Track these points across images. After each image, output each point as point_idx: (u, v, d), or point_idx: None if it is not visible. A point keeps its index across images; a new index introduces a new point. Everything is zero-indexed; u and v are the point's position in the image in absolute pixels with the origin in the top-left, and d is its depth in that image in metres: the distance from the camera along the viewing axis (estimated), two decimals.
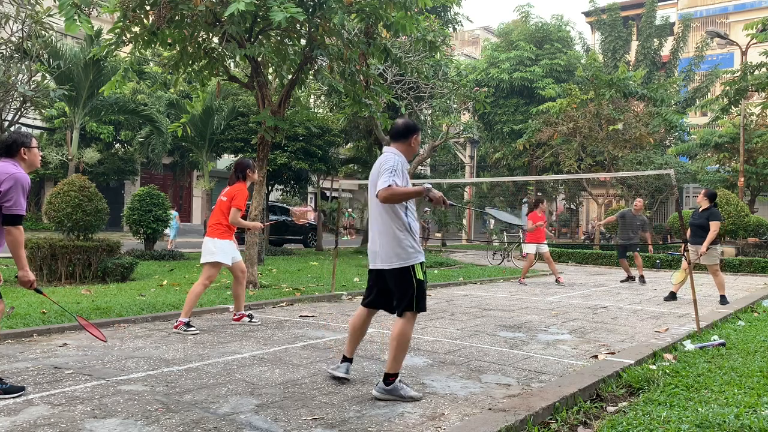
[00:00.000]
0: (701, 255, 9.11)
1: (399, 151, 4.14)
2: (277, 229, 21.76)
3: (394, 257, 3.99)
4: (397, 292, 4.04)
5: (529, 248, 12.43)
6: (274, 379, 4.42)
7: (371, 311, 4.36)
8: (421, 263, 4.04)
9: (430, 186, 3.91)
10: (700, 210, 9.40)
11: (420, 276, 4.01)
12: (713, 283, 12.92)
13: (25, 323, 6.02)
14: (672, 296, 9.68)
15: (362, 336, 4.42)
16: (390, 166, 3.90)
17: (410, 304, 3.99)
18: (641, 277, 12.49)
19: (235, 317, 6.81)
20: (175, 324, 6.20)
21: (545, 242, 12.57)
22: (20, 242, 3.90)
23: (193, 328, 6.14)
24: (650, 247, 13.35)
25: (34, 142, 4.09)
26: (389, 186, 3.79)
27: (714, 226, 9.02)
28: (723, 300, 9.14)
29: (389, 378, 3.99)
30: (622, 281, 12.76)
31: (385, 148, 4.22)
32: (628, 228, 12.35)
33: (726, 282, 13.13)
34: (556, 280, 12.22)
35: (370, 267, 4.23)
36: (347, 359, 4.41)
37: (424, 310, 4.11)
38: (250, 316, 6.82)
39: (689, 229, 9.53)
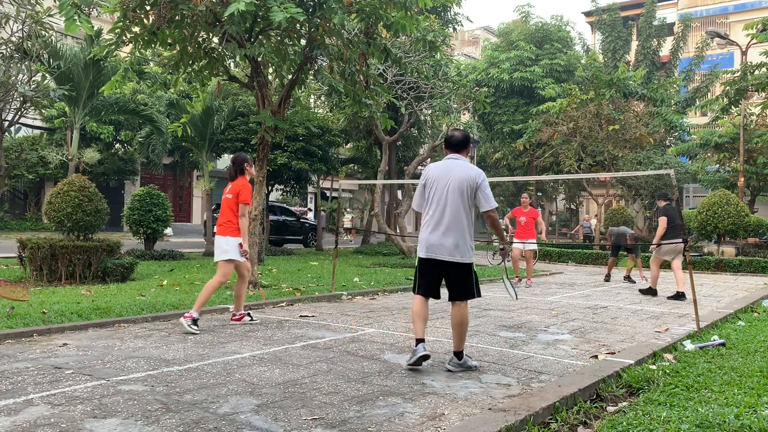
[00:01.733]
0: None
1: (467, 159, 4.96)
2: (277, 229, 21.76)
3: (467, 254, 4.75)
4: (464, 282, 4.77)
5: (516, 245, 11.83)
6: (274, 379, 4.42)
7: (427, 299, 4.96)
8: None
9: (507, 249, 5.30)
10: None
11: (475, 269, 4.88)
12: (713, 282, 12.97)
13: (25, 323, 6.02)
14: (651, 291, 10.31)
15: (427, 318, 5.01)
16: (487, 184, 4.80)
17: (472, 292, 4.80)
18: (628, 277, 12.73)
19: (235, 317, 6.79)
20: (186, 314, 6.23)
21: (533, 240, 11.83)
22: None
23: (196, 328, 6.12)
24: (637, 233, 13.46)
25: None
26: (495, 209, 4.82)
27: (662, 222, 9.82)
28: (680, 296, 9.66)
29: (461, 354, 4.82)
30: (623, 282, 12.80)
31: (456, 156, 4.90)
32: (619, 239, 12.82)
33: (726, 282, 13.19)
34: (524, 280, 11.75)
35: (435, 258, 4.76)
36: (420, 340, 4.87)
37: (480, 295, 4.91)
38: (249, 315, 6.82)
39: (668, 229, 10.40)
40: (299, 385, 4.28)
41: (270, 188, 19.30)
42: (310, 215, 29.95)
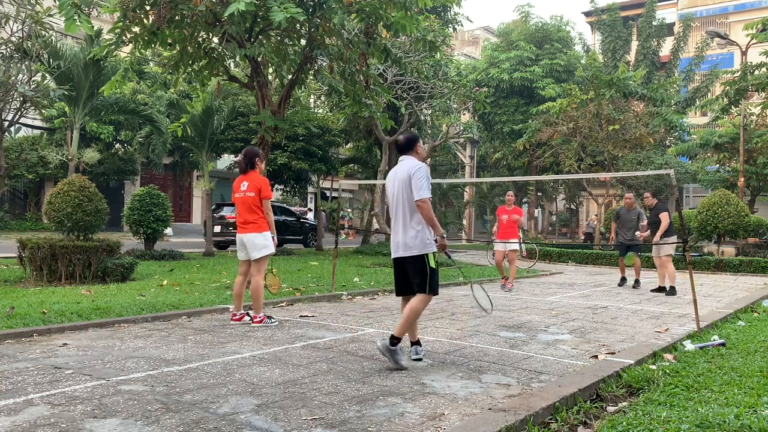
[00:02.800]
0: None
1: (413, 157, 5.03)
2: (277, 229, 21.75)
3: (414, 248, 4.84)
4: (415, 276, 4.86)
5: (498, 246, 11.36)
6: (274, 379, 4.42)
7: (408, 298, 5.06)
8: (434, 253, 4.91)
9: (444, 234, 4.95)
10: (651, 208, 10.67)
11: (432, 264, 4.85)
12: (713, 282, 12.96)
13: (25, 323, 6.02)
14: (672, 290, 10.47)
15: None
16: (423, 175, 4.82)
17: (424, 286, 4.82)
18: (636, 281, 11.86)
19: (236, 317, 6.78)
20: (258, 319, 6.47)
21: (515, 240, 11.18)
22: None
23: (273, 319, 6.46)
24: (644, 234, 11.76)
25: None
26: (427, 200, 4.77)
27: (664, 218, 10.20)
28: (672, 291, 10.28)
29: (394, 340, 4.81)
30: (619, 284, 12.22)
31: (404, 158, 5.06)
32: (625, 226, 11.80)
33: (726, 282, 13.19)
34: (505, 282, 11.22)
35: (395, 256, 4.99)
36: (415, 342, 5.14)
37: (436, 293, 4.92)
38: (249, 315, 6.83)
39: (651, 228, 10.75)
40: (299, 385, 4.28)
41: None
42: (310, 215, 29.95)
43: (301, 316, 7.36)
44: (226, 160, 27.24)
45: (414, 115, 18.21)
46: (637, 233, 10.99)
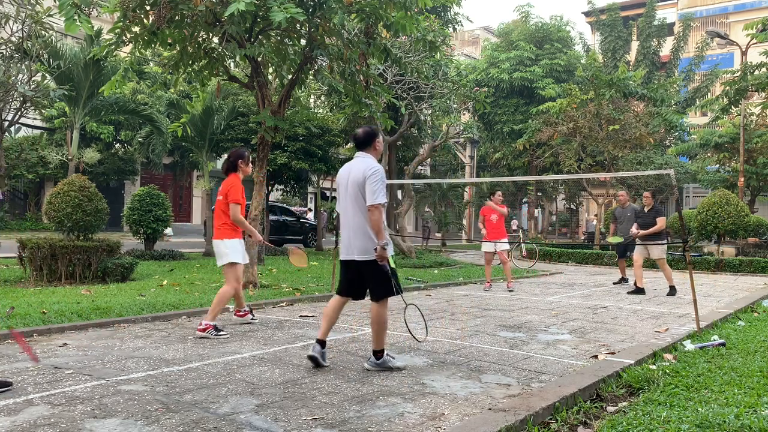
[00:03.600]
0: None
1: (371, 155, 4.81)
2: (277, 229, 21.75)
3: (370, 251, 4.57)
4: (375, 281, 4.62)
5: (486, 247, 11.14)
6: (274, 379, 4.42)
7: (345, 299, 4.91)
8: (392, 255, 4.67)
9: (388, 243, 4.57)
10: (647, 210, 10.62)
11: (392, 264, 4.63)
12: (713, 282, 12.96)
13: (25, 323, 6.02)
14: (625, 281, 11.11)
15: (336, 320, 4.91)
16: (380, 178, 4.56)
17: (389, 291, 4.62)
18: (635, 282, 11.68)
19: (239, 313, 6.78)
20: (202, 327, 5.89)
21: (505, 240, 11.02)
22: None
23: (224, 333, 5.93)
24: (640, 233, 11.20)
25: None
26: (380, 206, 4.51)
27: (661, 222, 10.37)
28: (672, 290, 10.40)
29: (378, 354, 4.71)
30: (615, 283, 12.31)
31: (359, 154, 4.83)
32: (623, 225, 11.70)
33: (726, 282, 13.18)
34: (489, 286, 11.17)
35: (343, 258, 4.78)
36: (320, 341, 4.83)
37: (401, 292, 4.70)
38: (252, 313, 6.84)
39: (643, 228, 10.64)
40: (299, 385, 4.28)
41: (270, 188, 19.29)
42: (310, 215, 29.95)
43: (301, 316, 7.36)
44: None
45: (414, 115, 18.19)
46: (632, 230, 10.75)
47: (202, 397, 3.96)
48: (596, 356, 5.35)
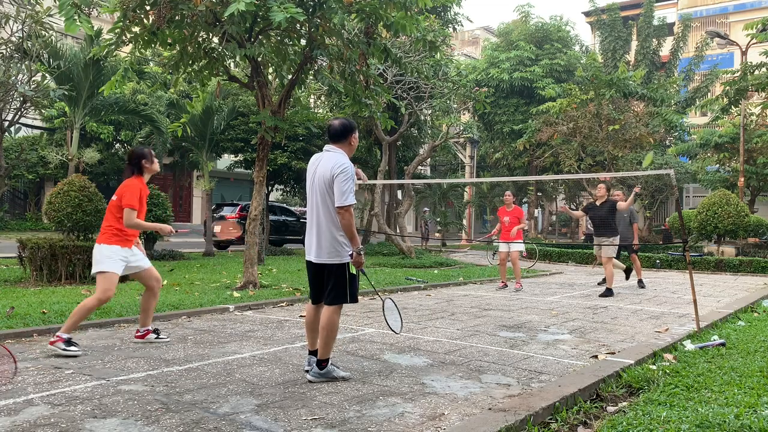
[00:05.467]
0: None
1: (343, 151, 4.43)
2: (277, 229, 21.76)
3: (334, 254, 4.31)
4: (332, 284, 4.31)
5: (501, 247, 11.18)
6: (274, 379, 4.42)
7: (320, 305, 4.52)
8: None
9: (362, 250, 4.36)
10: (599, 203, 10.30)
11: (353, 271, 4.35)
12: (713, 282, 12.96)
13: (25, 323, 6.02)
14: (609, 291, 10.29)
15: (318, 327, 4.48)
16: (350, 176, 4.24)
17: (344, 296, 4.33)
18: (639, 281, 11.61)
19: (138, 334, 5.70)
20: (54, 340, 5.09)
21: (519, 241, 10.99)
22: None
23: (75, 348, 5.08)
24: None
25: None
26: (350, 207, 4.22)
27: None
28: (609, 292, 9.98)
29: (322, 363, 4.37)
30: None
31: (330, 147, 4.47)
32: (620, 228, 11.03)
33: (726, 282, 13.18)
34: (503, 285, 11.20)
35: (308, 259, 4.47)
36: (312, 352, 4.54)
37: (356, 301, 4.43)
38: (157, 332, 5.77)
39: (592, 223, 10.44)
40: (299, 385, 4.28)
41: (270, 188, 19.30)
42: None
43: (300, 316, 7.36)
44: (226, 160, 27.23)
45: (414, 115, 18.19)
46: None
47: (202, 397, 3.96)
48: (596, 356, 5.35)
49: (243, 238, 10.51)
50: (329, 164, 4.30)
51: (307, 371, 4.45)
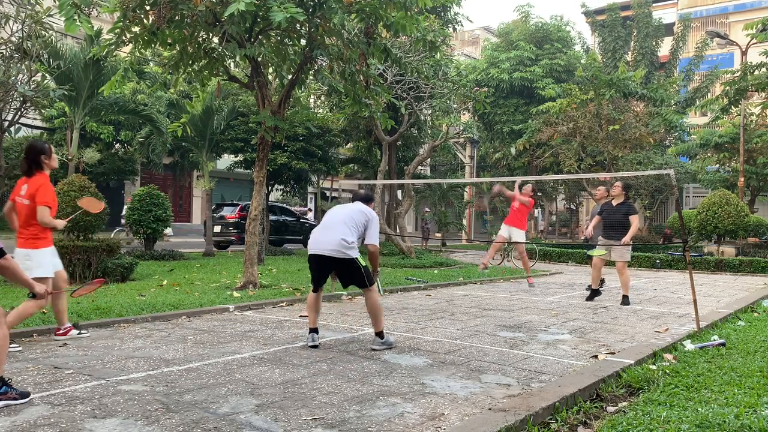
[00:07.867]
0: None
1: (370, 208, 5.83)
2: (277, 229, 21.76)
3: (351, 251, 5.54)
4: (353, 275, 5.62)
5: (501, 230, 10.96)
6: (274, 379, 4.42)
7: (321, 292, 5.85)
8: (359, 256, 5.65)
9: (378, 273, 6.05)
10: (616, 203, 9.20)
11: (364, 263, 5.60)
12: (713, 282, 12.96)
13: (25, 323, 6.01)
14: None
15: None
16: (377, 225, 5.74)
17: (369, 280, 5.61)
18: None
19: (60, 332, 5.65)
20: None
21: (521, 231, 10.78)
22: None
23: (14, 345, 5.04)
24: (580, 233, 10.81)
25: None
26: (377, 246, 5.77)
27: (635, 220, 8.93)
28: (625, 300, 9.05)
29: (380, 334, 5.62)
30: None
31: (363, 206, 5.76)
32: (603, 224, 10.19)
33: (726, 282, 13.18)
34: (485, 267, 11.15)
35: (320, 253, 5.60)
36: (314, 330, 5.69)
37: (374, 284, 5.68)
38: (77, 326, 5.79)
39: (603, 224, 9.37)
40: (299, 385, 4.28)
41: (270, 188, 19.28)
42: (310, 215, 29.94)
43: (300, 316, 7.36)
44: (226, 160, 27.21)
45: (414, 115, 18.18)
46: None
47: (202, 397, 3.96)
48: (596, 356, 5.35)
49: (243, 238, 10.48)
50: (365, 210, 5.70)
51: (313, 346, 5.51)
